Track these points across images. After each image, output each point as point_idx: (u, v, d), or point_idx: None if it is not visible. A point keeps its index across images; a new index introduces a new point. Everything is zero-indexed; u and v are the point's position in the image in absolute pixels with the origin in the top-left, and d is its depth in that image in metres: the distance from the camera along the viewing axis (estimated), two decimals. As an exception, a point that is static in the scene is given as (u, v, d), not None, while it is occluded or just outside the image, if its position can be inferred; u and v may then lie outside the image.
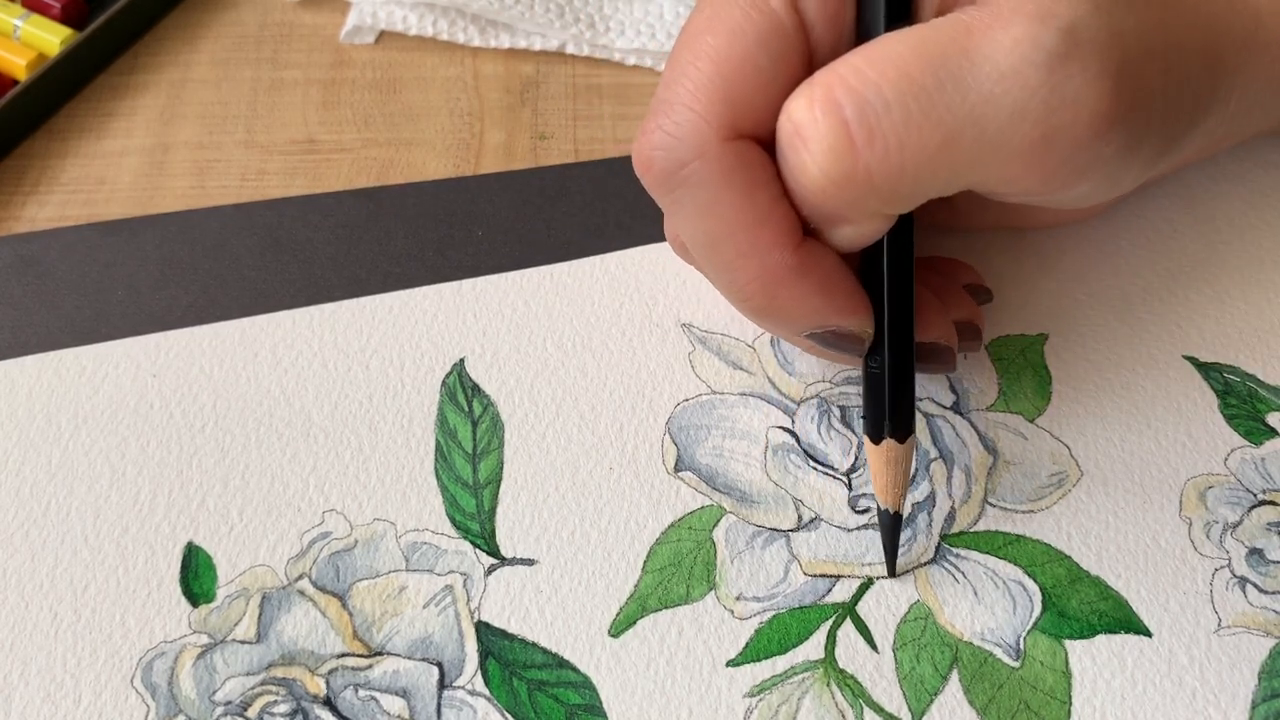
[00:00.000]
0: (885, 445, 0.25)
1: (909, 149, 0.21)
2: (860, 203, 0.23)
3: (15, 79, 0.35)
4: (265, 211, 0.32)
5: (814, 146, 0.22)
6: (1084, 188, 0.23)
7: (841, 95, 0.22)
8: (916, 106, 0.21)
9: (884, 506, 0.25)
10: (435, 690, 0.24)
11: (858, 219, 0.23)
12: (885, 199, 0.22)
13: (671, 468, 0.27)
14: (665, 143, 0.23)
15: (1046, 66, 0.21)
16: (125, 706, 0.23)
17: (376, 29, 0.37)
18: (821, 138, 0.22)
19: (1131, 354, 0.29)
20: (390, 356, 0.29)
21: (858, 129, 0.21)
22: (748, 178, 0.23)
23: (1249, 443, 0.28)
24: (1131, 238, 0.31)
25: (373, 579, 0.25)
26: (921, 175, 0.22)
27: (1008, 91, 0.21)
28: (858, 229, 0.24)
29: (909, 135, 0.21)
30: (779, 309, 0.24)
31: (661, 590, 0.25)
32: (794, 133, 0.22)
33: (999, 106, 0.21)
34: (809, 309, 0.24)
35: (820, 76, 0.22)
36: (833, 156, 0.22)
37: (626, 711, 0.24)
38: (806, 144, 0.22)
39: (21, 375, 0.28)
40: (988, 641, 0.24)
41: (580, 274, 0.30)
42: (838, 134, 0.22)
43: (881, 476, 0.25)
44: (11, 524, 0.26)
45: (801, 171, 0.22)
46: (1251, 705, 0.24)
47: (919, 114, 0.21)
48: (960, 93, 0.21)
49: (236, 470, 0.27)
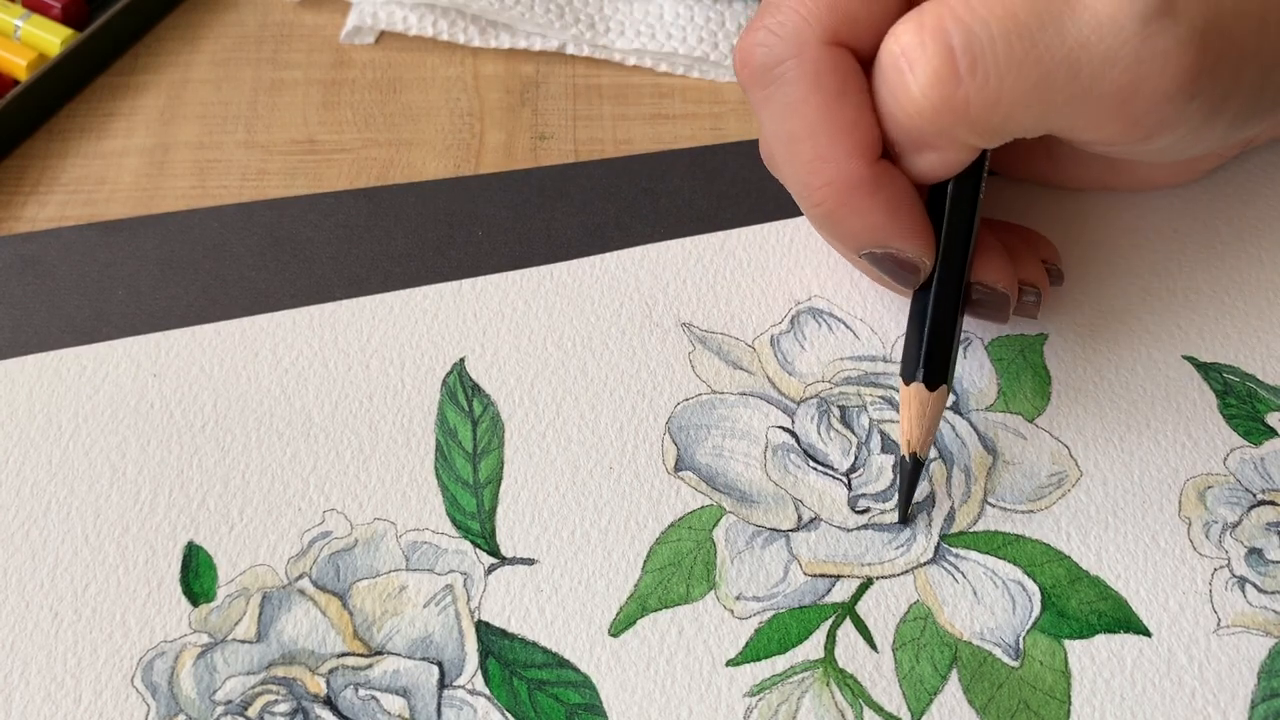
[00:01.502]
0: (914, 388, 0.25)
1: (1007, 83, 0.23)
2: (952, 130, 0.24)
3: (16, 79, 0.35)
4: (266, 211, 0.32)
5: (919, 70, 0.23)
6: (1166, 140, 0.24)
7: (950, 25, 0.23)
8: (1019, 43, 0.23)
9: (902, 452, 0.25)
10: (435, 690, 0.24)
11: (944, 147, 0.24)
12: (976, 130, 0.24)
13: (671, 467, 0.27)
14: (767, 39, 0.25)
15: (1141, 19, 0.22)
16: (125, 706, 0.23)
17: (376, 29, 0.38)
18: (927, 62, 0.23)
19: (1131, 354, 0.29)
20: (390, 356, 0.29)
21: (962, 58, 0.23)
22: (838, 83, 0.24)
23: (1248, 443, 0.28)
24: (1131, 238, 0.32)
25: (373, 578, 0.25)
26: (1015, 110, 0.23)
27: (1102, 39, 0.22)
28: (941, 157, 0.25)
29: (1009, 70, 0.23)
30: (845, 219, 0.25)
31: (661, 590, 0.25)
32: (900, 54, 0.24)
33: (1093, 52, 0.22)
34: (873, 225, 0.25)
35: (930, 6, 0.24)
36: (935, 81, 0.23)
37: (626, 711, 0.24)
38: (912, 67, 0.23)
39: (21, 375, 0.28)
40: (987, 641, 0.25)
41: (580, 274, 0.30)
42: (943, 60, 0.23)
43: (905, 419, 0.25)
44: (11, 524, 0.26)
45: (902, 92, 0.24)
46: (1251, 705, 0.24)
47: (1020, 51, 0.23)
48: (1059, 35, 0.23)
49: (237, 470, 0.27)
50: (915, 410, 0.25)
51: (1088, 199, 0.32)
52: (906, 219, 0.25)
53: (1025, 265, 0.28)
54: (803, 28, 0.24)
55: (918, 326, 0.26)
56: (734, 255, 0.31)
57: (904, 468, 0.25)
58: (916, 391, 0.25)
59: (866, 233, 0.25)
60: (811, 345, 0.29)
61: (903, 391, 0.26)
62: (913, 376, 0.25)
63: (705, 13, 0.37)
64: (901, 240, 0.25)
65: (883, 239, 0.25)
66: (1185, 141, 0.25)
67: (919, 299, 0.26)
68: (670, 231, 0.31)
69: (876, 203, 0.25)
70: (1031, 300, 0.28)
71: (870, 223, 0.25)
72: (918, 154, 0.25)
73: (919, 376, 0.25)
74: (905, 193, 0.25)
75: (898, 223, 0.25)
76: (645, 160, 0.33)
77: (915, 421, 0.25)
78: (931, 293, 0.26)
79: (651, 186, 0.33)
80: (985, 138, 0.24)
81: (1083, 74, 0.23)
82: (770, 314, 0.30)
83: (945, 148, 0.24)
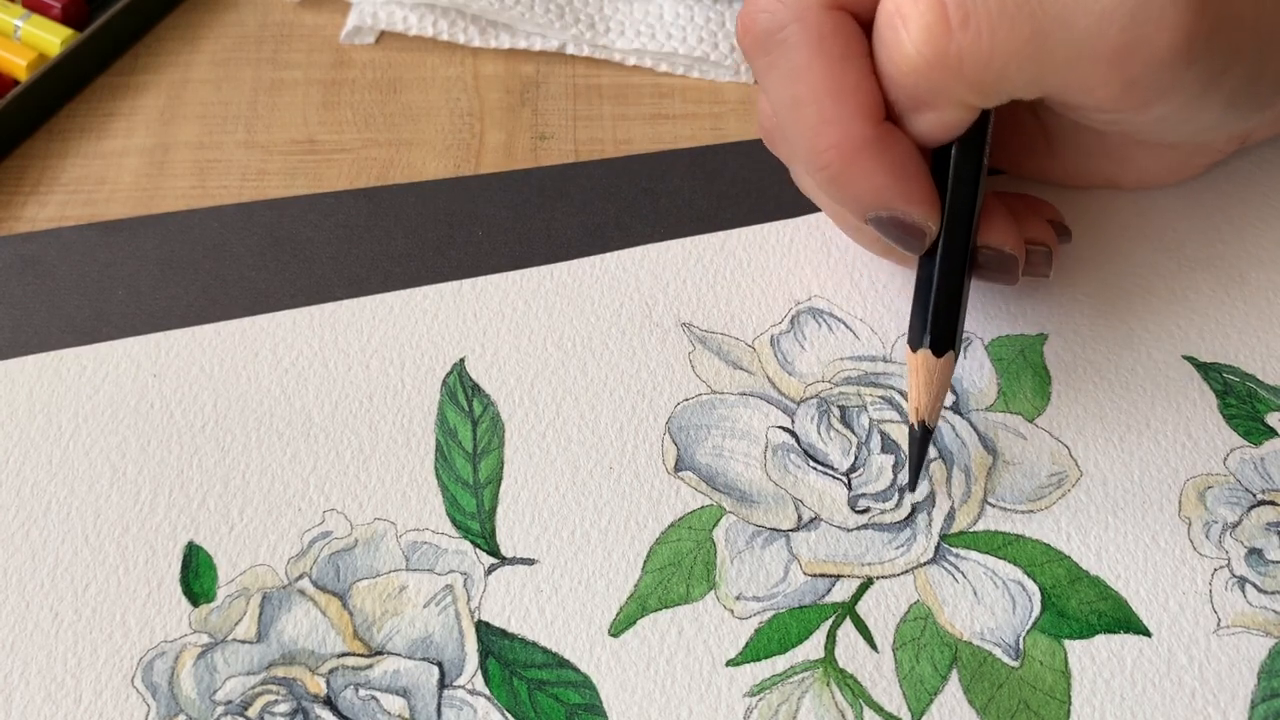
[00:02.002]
0: (921, 355, 0.25)
1: (999, 37, 0.23)
2: (947, 87, 0.24)
3: (16, 79, 0.35)
4: (266, 211, 0.32)
5: (912, 25, 0.23)
6: (1162, 109, 0.24)
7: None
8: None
9: (910, 420, 0.25)
10: (435, 690, 0.24)
11: (942, 105, 0.24)
12: (971, 86, 0.24)
13: (671, 467, 0.27)
14: (769, 5, 0.25)
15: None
16: (125, 706, 0.23)
17: (376, 29, 0.38)
18: (920, 16, 0.23)
19: (1131, 354, 0.29)
20: (390, 356, 0.29)
21: (954, 11, 0.23)
22: (840, 46, 0.24)
23: (1248, 443, 0.28)
24: (1131, 238, 0.32)
25: (373, 578, 0.25)
26: (1008, 66, 0.23)
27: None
28: (939, 116, 0.25)
29: (1001, 24, 0.23)
30: (851, 182, 0.25)
31: (661, 590, 0.25)
32: (894, 11, 0.24)
33: (1088, 10, 0.22)
34: (879, 187, 0.25)
35: None
36: (927, 36, 0.23)
37: (626, 711, 0.24)
38: (905, 22, 0.23)
39: (21, 375, 0.28)
40: (987, 641, 0.25)
41: (580, 274, 0.30)
42: (935, 14, 0.23)
43: (912, 387, 0.25)
44: (12, 524, 0.26)
45: (896, 48, 0.24)
46: (1250, 705, 0.24)
47: (1013, 5, 0.23)
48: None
49: (237, 470, 0.27)
50: (923, 378, 0.25)
51: (1088, 198, 0.32)
52: (912, 181, 0.25)
53: (1031, 225, 0.28)
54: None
55: (924, 293, 0.26)
56: (734, 255, 0.31)
57: (913, 436, 0.25)
58: (924, 358, 0.25)
59: (872, 195, 0.25)
60: (811, 345, 0.29)
61: (909, 359, 0.26)
62: (919, 343, 0.25)
63: (705, 13, 0.37)
64: (907, 202, 0.25)
65: (888, 201, 0.25)
66: (1182, 115, 0.25)
67: (924, 266, 0.26)
68: (670, 231, 0.31)
69: (882, 164, 0.25)
70: (1043, 257, 0.28)
71: (876, 184, 0.25)
72: (917, 114, 0.25)
73: (926, 343, 0.25)
74: (910, 155, 0.25)
75: (903, 184, 0.25)
76: (645, 160, 0.33)
77: (923, 389, 0.25)
78: (937, 258, 0.26)
79: (651, 186, 0.33)
80: (981, 95, 0.24)
81: (1076, 31, 0.23)
82: (770, 314, 0.30)
83: (942, 106, 0.24)
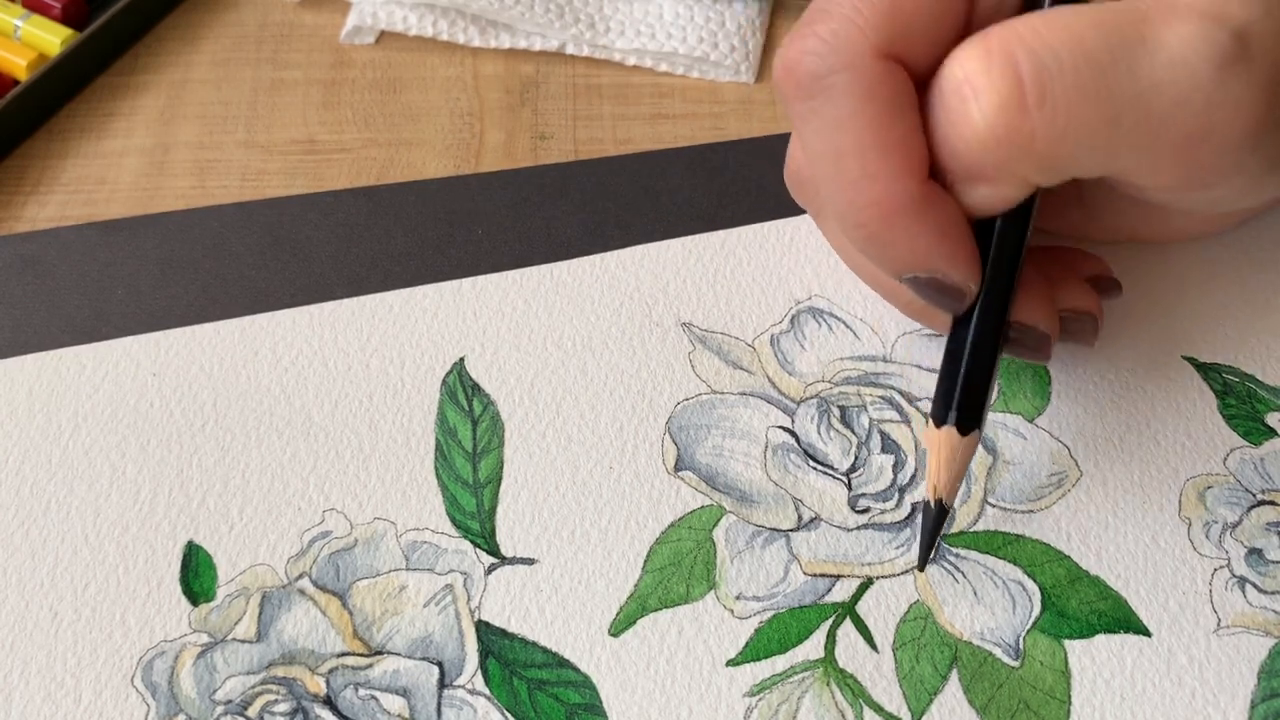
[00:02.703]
0: (945, 432, 0.24)
1: (1075, 118, 0.22)
2: (1013, 163, 0.23)
3: (16, 79, 0.35)
4: (265, 211, 0.32)
5: (984, 98, 0.22)
6: (1223, 190, 0.24)
7: (1019, 53, 0.22)
8: (1090, 78, 0.21)
9: (927, 497, 0.25)
10: (435, 689, 0.24)
11: (1000, 181, 0.23)
12: (1039, 165, 0.23)
13: (671, 467, 0.27)
14: (818, 48, 0.23)
15: (1215, 63, 0.21)
16: (125, 706, 0.23)
17: (376, 29, 0.38)
18: (994, 90, 0.22)
19: (1131, 354, 0.29)
20: (390, 355, 0.29)
21: (1031, 88, 0.22)
22: (891, 99, 0.23)
23: (1248, 443, 0.28)
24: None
25: (373, 578, 0.25)
26: (1080, 148, 0.22)
27: (1175, 81, 0.21)
28: (995, 191, 0.24)
29: (1078, 105, 0.22)
30: (890, 241, 0.24)
31: (661, 590, 0.25)
32: (963, 80, 0.22)
33: (1164, 95, 0.21)
34: (920, 248, 0.23)
35: (997, 30, 0.22)
36: (1001, 111, 0.22)
37: (626, 711, 0.24)
38: (976, 94, 0.22)
39: (21, 375, 0.28)
40: (987, 641, 0.25)
41: (580, 273, 0.30)
42: (1011, 89, 0.22)
43: (933, 463, 0.24)
44: (11, 524, 0.26)
45: (964, 121, 0.22)
46: (1251, 705, 0.24)
47: (1091, 86, 0.21)
48: (1131, 74, 0.21)
49: (236, 469, 0.27)
50: (945, 455, 0.24)
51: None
52: (954, 242, 0.24)
53: (1070, 291, 0.27)
54: (857, 38, 0.23)
55: (951, 367, 0.24)
56: (734, 254, 0.31)
57: (928, 513, 0.25)
58: (948, 436, 0.24)
59: (912, 256, 0.24)
60: (811, 345, 0.29)
61: (930, 434, 0.24)
62: (943, 419, 0.24)
63: (705, 13, 0.37)
64: (949, 264, 0.24)
65: (928, 263, 0.24)
66: (1241, 193, 0.24)
67: (954, 338, 0.25)
68: (670, 230, 0.31)
69: (925, 225, 0.23)
70: (1087, 326, 0.27)
71: (917, 245, 0.23)
72: (971, 185, 0.24)
73: (951, 420, 0.24)
74: (954, 216, 0.24)
75: (945, 246, 0.23)
76: (645, 159, 0.33)
77: (944, 467, 0.24)
78: (970, 331, 0.24)
79: (651, 185, 0.33)
80: (1046, 174, 0.23)
81: (1153, 115, 0.21)
82: (770, 313, 0.30)
83: (1002, 181, 0.23)
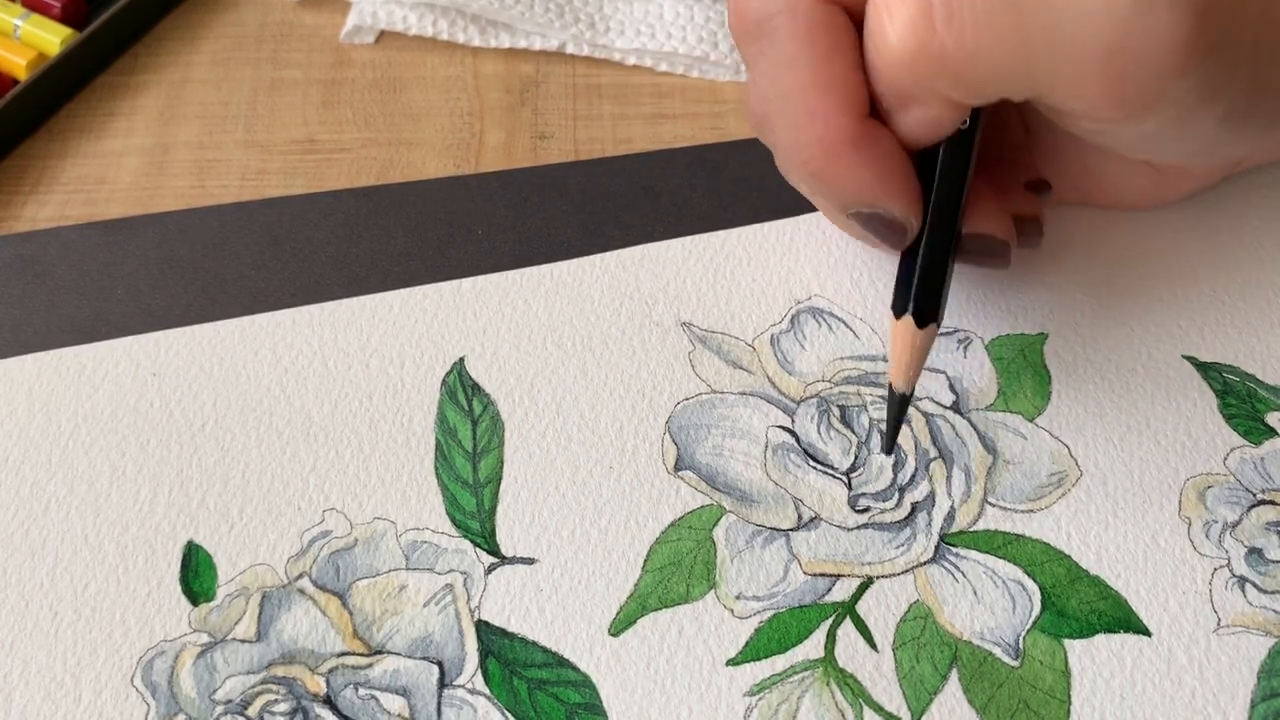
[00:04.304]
0: (903, 322, 0.25)
1: (984, 34, 0.22)
2: (930, 81, 0.23)
3: (15, 79, 0.35)
4: (265, 211, 0.32)
5: (896, 18, 0.23)
6: (1152, 122, 0.24)
7: None
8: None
9: (891, 383, 0.26)
10: (435, 689, 0.24)
11: (926, 101, 0.24)
12: (956, 84, 0.23)
13: (671, 467, 0.27)
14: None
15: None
16: (125, 705, 0.23)
17: (376, 29, 0.38)
18: (905, 9, 0.23)
19: (1131, 354, 0.29)
20: (390, 355, 0.29)
21: (939, 6, 0.22)
22: (829, 40, 0.24)
23: (1248, 442, 0.28)
24: (1131, 238, 0.32)
25: (373, 578, 0.25)
26: (993, 64, 0.23)
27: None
28: (925, 113, 0.24)
29: (986, 19, 0.22)
30: (832, 177, 0.25)
31: (661, 589, 0.25)
32: (882, 4, 0.23)
33: (1078, 11, 0.22)
34: (860, 183, 0.25)
35: None
36: (911, 29, 0.23)
37: (626, 711, 0.24)
38: (891, 15, 0.23)
39: (21, 375, 0.28)
40: (987, 641, 0.25)
41: (580, 273, 0.30)
42: (920, 8, 0.23)
43: (892, 354, 0.26)
44: (11, 524, 0.26)
45: (881, 40, 0.23)
46: (1251, 705, 0.24)
47: (1000, 2, 0.22)
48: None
49: (236, 469, 0.27)
50: (901, 344, 0.25)
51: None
52: (894, 177, 0.25)
53: (1016, 197, 0.28)
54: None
55: (906, 263, 0.26)
56: (734, 255, 0.31)
57: (891, 399, 0.26)
58: (905, 326, 0.25)
59: (854, 191, 0.25)
60: (811, 345, 0.29)
61: (891, 324, 0.26)
62: (902, 310, 0.25)
63: (705, 13, 0.37)
64: (889, 199, 0.25)
65: (870, 198, 0.25)
66: (1172, 131, 0.24)
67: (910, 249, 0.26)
68: (670, 231, 0.31)
69: (864, 160, 0.24)
70: (1032, 229, 0.28)
71: (858, 181, 0.25)
72: (903, 110, 0.25)
73: (909, 310, 0.25)
74: (893, 151, 0.25)
75: (885, 181, 0.25)
76: (645, 159, 0.33)
77: (899, 357, 0.25)
78: (921, 244, 0.26)
79: (651, 185, 0.33)
80: (965, 92, 0.24)
81: (1064, 32, 0.22)
82: (770, 313, 0.30)
83: (927, 102, 0.24)
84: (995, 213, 0.27)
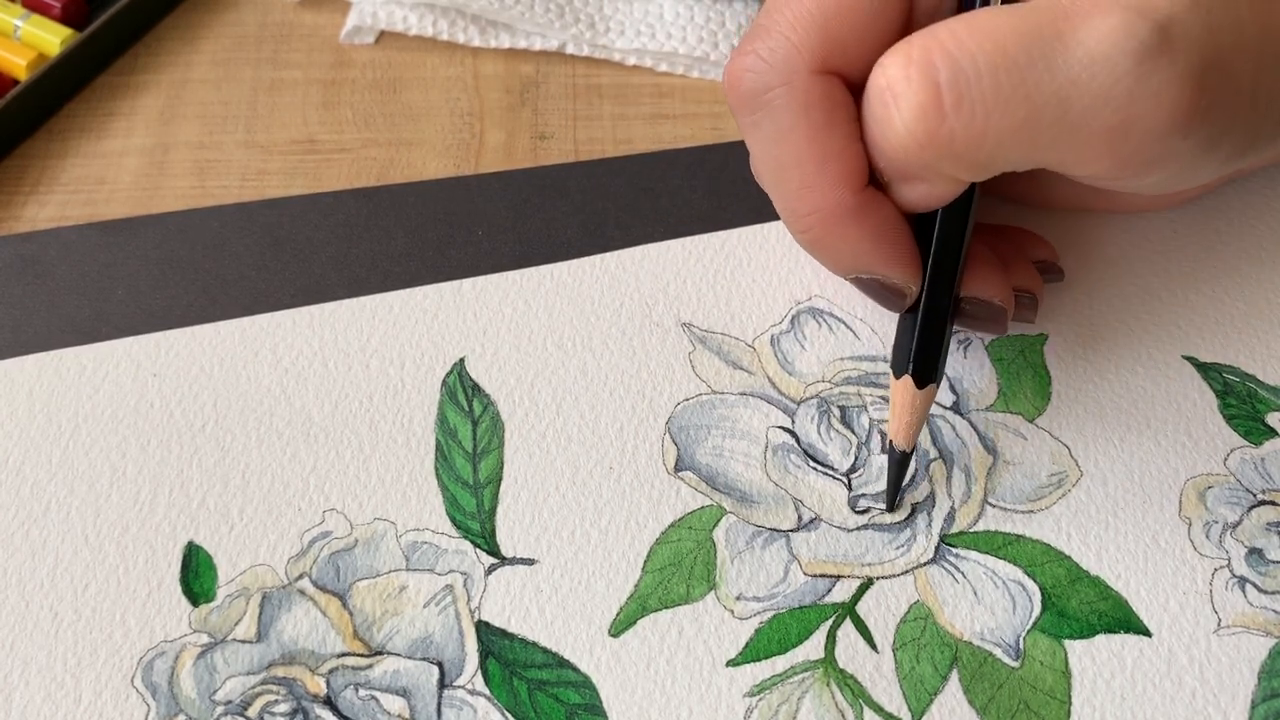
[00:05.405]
0: (903, 382, 0.26)
1: (993, 119, 0.22)
2: (938, 165, 0.23)
3: (15, 79, 0.35)
4: (265, 211, 0.32)
5: (903, 104, 0.23)
6: (1156, 177, 0.24)
7: (938, 59, 0.22)
8: (1006, 80, 0.22)
9: (891, 441, 0.26)
10: (435, 690, 0.24)
11: (931, 180, 0.24)
12: (963, 165, 0.23)
13: (671, 468, 0.27)
14: (756, 65, 0.24)
15: (1135, 57, 0.22)
16: (125, 706, 0.23)
17: (376, 29, 0.38)
18: (913, 95, 0.23)
19: (1131, 354, 0.29)
20: (390, 356, 0.29)
21: (948, 93, 0.22)
22: (826, 113, 0.24)
23: (1249, 443, 0.28)
24: (1131, 238, 0.32)
25: (373, 578, 0.25)
26: (1001, 146, 0.23)
27: (1094, 77, 0.22)
28: (929, 189, 0.25)
29: (995, 106, 0.22)
30: (831, 246, 0.25)
31: (661, 590, 0.25)
32: (886, 87, 0.23)
33: (1084, 90, 0.22)
34: (858, 253, 0.25)
35: (919, 38, 0.23)
36: (920, 116, 0.23)
37: (626, 711, 0.24)
38: (897, 100, 0.23)
39: (21, 375, 0.28)
40: (987, 641, 0.25)
41: (580, 273, 0.30)
42: (929, 95, 0.22)
43: (892, 412, 0.26)
44: (11, 524, 0.26)
45: (887, 125, 0.23)
46: (1251, 705, 0.24)
47: (1008, 87, 0.22)
48: (1050, 72, 0.22)
49: (236, 470, 0.27)
50: (900, 405, 0.26)
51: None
52: (892, 246, 0.25)
53: (1017, 271, 0.28)
54: (793, 55, 0.24)
55: (905, 326, 0.26)
56: (734, 255, 0.31)
57: (892, 456, 0.26)
58: (905, 385, 0.25)
59: (852, 259, 0.25)
60: (812, 345, 0.29)
61: (893, 384, 0.26)
62: (902, 371, 0.26)
63: (705, 13, 0.37)
64: (887, 267, 0.25)
65: (868, 265, 0.25)
66: (1177, 177, 0.24)
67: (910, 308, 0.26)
68: (670, 231, 0.31)
69: (862, 231, 0.25)
70: (1027, 304, 0.28)
71: (856, 250, 0.25)
72: (905, 185, 0.25)
73: (909, 370, 0.25)
74: (891, 220, 0.25)
75: (883, 250, 0.25)
76: (645, 160, 0.33)
77: (899, 416, 0.26)
78: (920, 307, 0.26)
79: (651, 186, 0.33)
80: (971, 172, 0.24)
81: (1072, 112, 0.22)
82: (770, 314, 0.30)
83: (932, 180, 0.24)
84: (994, 278, 0.27)
